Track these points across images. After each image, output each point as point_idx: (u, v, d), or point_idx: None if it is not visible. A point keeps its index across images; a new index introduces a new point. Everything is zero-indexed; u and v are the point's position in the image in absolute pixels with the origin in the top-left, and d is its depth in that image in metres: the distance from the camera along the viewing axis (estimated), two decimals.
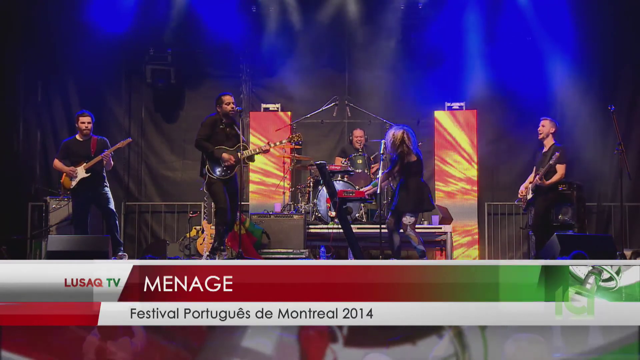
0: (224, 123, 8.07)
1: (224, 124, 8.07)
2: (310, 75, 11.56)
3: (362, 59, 11.75)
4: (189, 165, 11.73)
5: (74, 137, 8.89)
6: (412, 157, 7.85)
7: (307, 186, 10.23)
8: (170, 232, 11.53)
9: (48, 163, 11.25)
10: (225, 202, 7.98)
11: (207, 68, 11.69)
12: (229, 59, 11.51)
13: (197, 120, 11.33)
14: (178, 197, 11.67)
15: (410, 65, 11.49)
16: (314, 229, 9.69)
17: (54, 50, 11.33)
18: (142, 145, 11.79)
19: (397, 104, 11.43)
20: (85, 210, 8.73)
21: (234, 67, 11.56)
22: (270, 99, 11.60)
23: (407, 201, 7.81)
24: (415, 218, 7.90)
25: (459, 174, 11.00)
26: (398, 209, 7.84)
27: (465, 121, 11.09)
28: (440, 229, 9.84)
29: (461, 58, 11.33)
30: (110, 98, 11.79)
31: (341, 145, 11.27)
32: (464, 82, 11.35)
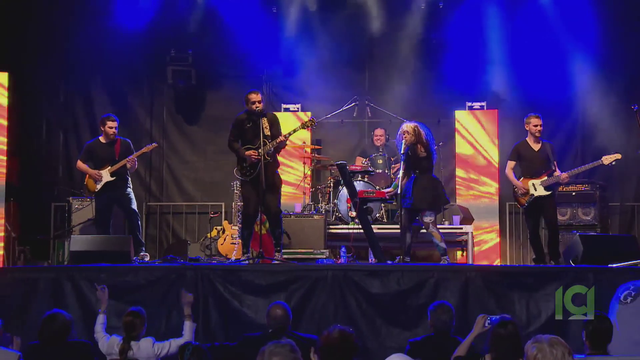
0: (252, 121, 8.02)
1: (252, 122, 8.02)
2: (331, 75, 11.53)
3: (383, 58, 11.73)
4: (210, 166, 11.78)
5: (97, 139, 8.93)
6: (422, 152, 7.82)
7: (327, 186, 10.23)
8: (191, 232, 11.57)
9: (71, 164, 11.35)
10: (250, 207, 7.94)
11: (227, 69, 11.71)
12: (250, 60, 11.51)
13: (217, 121, 11.45)
14: (199, 197, 11.72)
15: (430, 65, 11.46)
16: (334, 229, 9.68)
17: (76, 50, 11.40)
18: (164, 146, 11.84)
19: (417, 104, 11.38)
20: (108, 211, 8.78)
21: (254, 68, 11.55)
22: (291, 99, 11.61)
23: (423, 198, 7.78)
24: (435, 215, 7.88)
25: (480, 174, 10.94)
26: (415, 206, 7.81)
27: (486, 121, 11.04)
28: (461, 229, 9.80)
29: (482, 57, 11.27)
30: (132, 98, 11.87)
31: (361, 145, 11.26)
32: (484, 81, 11.30)
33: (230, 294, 6.82)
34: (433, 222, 7.82)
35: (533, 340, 4.11)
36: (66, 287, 6.91)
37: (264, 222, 8.46)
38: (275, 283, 6.85)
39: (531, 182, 8.41)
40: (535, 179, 8.40)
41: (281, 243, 8.08)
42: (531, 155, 8.50)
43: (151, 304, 6.63)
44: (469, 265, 8.93)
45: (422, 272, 6.84)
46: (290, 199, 10.78)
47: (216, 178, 11.61)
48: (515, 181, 8.49)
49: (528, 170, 8.49)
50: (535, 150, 8.50)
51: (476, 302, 6.63)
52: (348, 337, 4.42)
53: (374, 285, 6.77)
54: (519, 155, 8.57)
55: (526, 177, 8.49)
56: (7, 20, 11.12)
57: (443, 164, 10.54)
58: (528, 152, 8.51)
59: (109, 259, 7.36)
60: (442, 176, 10.26)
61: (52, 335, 5.62)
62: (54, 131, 11.74)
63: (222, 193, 11.14)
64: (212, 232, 10.17)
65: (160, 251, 11.31)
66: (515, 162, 8.59)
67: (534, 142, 8.51)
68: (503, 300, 6.66)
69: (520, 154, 8.57)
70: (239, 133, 8.07)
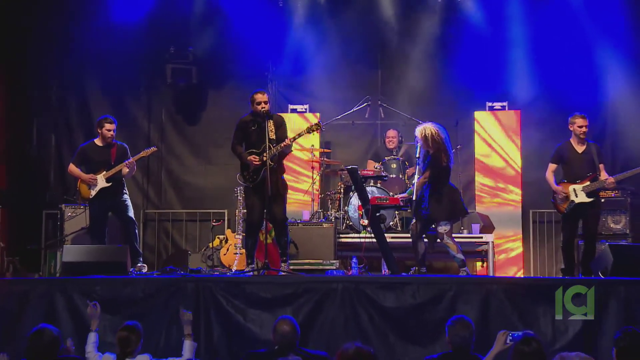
0: (257, 124, 8.01)
1: (257, 124, 8.01)
2: (341, 74, 11.55)
3: (396, 56, 11.73)
4: (212, 171, 11.79)
5: (92, 142, 8.93)
6: (445, 161, 7.77)
7: (337, 192, 10.22)
8: (192, 241, 11.58)
9: (63, 168, 11.37)
10: (254, 215, 7.93)
11: (231, 67, 11.71)
12: (255, 57, 11.52)
13: (220, 122, 11.46)
14: (200, 204, 11.72)
15: (448, 62, 11.45)
16: (344, 238, 9.68)
17: (69, 48, 11.46)
18: (162, 149, 11.84)
19: (433, 104, 11.38)
20: (103, 219, 8.78)
21: (259, 66, 11.57)
22: (298, 99, 11.62)
23: (440, 209, 7.74)
24: (450, 225, 7.85)
25: (501, 180, 10.92)
26: (430, 217, 7.79)
27: (507, 122, 11.02)
28: (481, 239, 9.77)
29: (503, 54, 11.26)
30: (129, 99, 11.91)
31: (374, 148, 11.26)
32: (506, 80, 11.28)
33: (233, 307, 6.82)
34: (448, 232, 7.77)
35: (559, 359, 4.09)
36: (58, 301, 6.92)
37: (270, 230, 8.46)
38: (282, 296, 6.85)
39: (572, 187, 8.34)
40: (577, 184, 8.32)
41: (288, 253, 8.06)
42: (574, 158, 8.40)
43: (149, 319, 6.64)
44: (490, 277, 8.90)
45: (439, 285, 6.82)
46: (297, 206, 10.78)
47: (218, 183, 11.61)
48: (554, 186, 8.43)
49: (570, 174, 8.40)
50: (579, 152, 8.41)
51: (497, 317, 6.61)
52: (367, 356, 4.36)
53: (388, 299, 6.76)
54: (561, 157, 8.48)
55: (568, 181, 8.41)
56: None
57: (461, 169, 10.51)
58: (571, 154, 8.42)
59: (104, 271, 7.37)
60: (461, 182, 10.25)
61: (40, 351, 5.61)
62: (45, 134, 11.77)
63: (224, 200, 11.14)
64: (214, 242, 10.17)
65: (158, 262, 11.31)
66: (557, 165, 8.54)
67: (578, 144, 8.43)
68: (526, 315, 6.64)
69: (562, 156, 8.48)
70: (243, 136, 8.06)
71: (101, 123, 8.79)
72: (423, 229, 7.88)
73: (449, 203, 7.76)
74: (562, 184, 8.39)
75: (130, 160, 8.73)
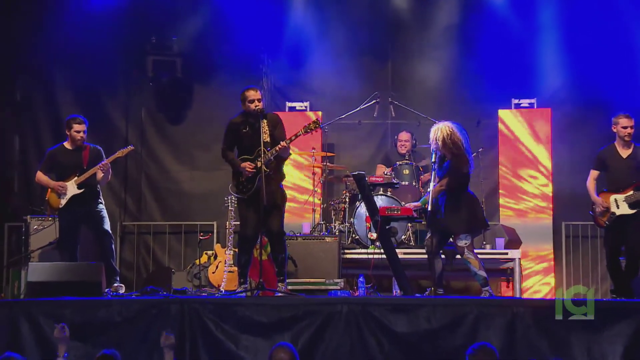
0: (250, 125, 8.02)
1: (250, 125, 8.02)
2: (346, 67, 11.55)
3: (409, 46, 11.75)
4: (198, 177, 11.80)
5: (61, 145, 8.95)
6: (465, 167, 7.77)
7: (341, 202, 10.23)
8: (176, 258, 11.59)
9: (29, 175, 11.38)
10: (248, 228, 7.93)
11: (220, 59, 11.72)
12: (247, 48, 11.53)
13: (208, 121, 11.49)
14: (185, 215, 11.73)
15: (468, 54, 11.47)
16: (350, 254, 9.70)
17: (37, 38, 11.47)
18: (142, 153, 11.86)
19: (452, 102, 11.40)
20: (75, 232, 8.79)
21: (253, 57, 11.59)
22: (297, 96, 11.65)
23: (458, 220, 7.74)
24: (471, 238, 7.85)
25: (529, 187, 10.92)
26: (448, 230, 7.80)
27: (536, 122, 11.02)
28: (507, 255, 9.78)
29: (531, 44, 11.28)
30: (104, 96, 11.90)
31: (383, 152, 11.27)
32: (534, 73, 11.30)
33: (223, 333, 6.82)
34: (469, 247, 7.78)
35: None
36: (23, 326, 6.92)
37: (265, 245, 8.46)
38: (279, 320, 6.85)
39: (613, 197, 8.34)
40: (619, 194, 8.32)
41: (285, 271, 8.08)
42: (618, 164, 8.41)
43: (128, 346, 6.65)
44: (516, 299, 8.91)
45: (458, 307, 6.83)
46: (296, 217, 10.80)
47: (206, 191, 11.62)
48: (594, 196, 8.42)
49: (613, 182, 8.41)
50: (623, 157, 8.42)
51: (525, 344, 6.62)
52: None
53: (400, 323, 6.77)
54: (604, 163, 8.50)
55: (609, 190, 8.41)
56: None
57: (483, 175, 10.53)
58: (614, 159, 8.44)
59: (75, 292, 7.37)
60: (482, 190, 10.26)
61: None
62: (8, 135, 11.78)
63: (213, 210, 11.14)
64: (202, 258, 10.18)
65: (138, 281, 11.32)
66: (599, 172, 8.54)
67: (622, 148, 8.44)
68: (558, 343, 6.64)
69: (605, 162, 8.50)
70: (234, 140, 8.07)
71: (69, 124, 8.81)
72: (440, 243, 7.88)
73: (468, 213, 7.76)
74: (603, 194, 8.40)
75: (104, 162, 8.74)
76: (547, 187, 10.92)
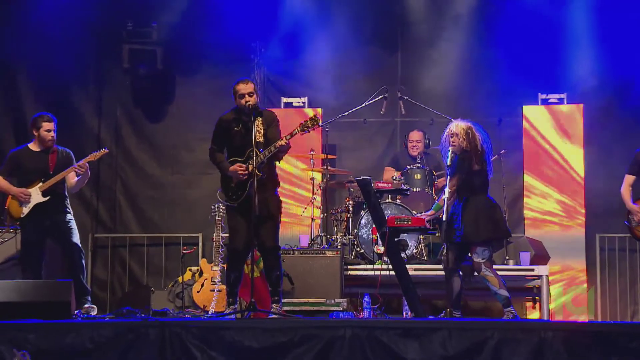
0: (242, 123, 7.98)
1: (242, 124, 7.98)
2: (350, 58, 11.59)
3: (422, 34, 11.76)
4: (182, 182, 11.81)
5: (25, 147, 8.96)
6: (476, 165, 7.78)
7: (344, 211, 10.22)
8: (155, 274, 11.59)
9: None
10: (239, 241, 7.90)
11: (206, 48, 11.74)
12: (237, 35, 11.54)
13: (192, 119, 11.49)
14: (166, 226, 11.74)
15: (488, 44, 11.48)
16: (354, 270, 9.68)
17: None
18: (117, 155, 11.87)
19: (469, 97, 11.43)
20: (39, 246, 8.79)
21: (244, 46, 11.60)
22: (294, 90, 11.68)
23: (476, 229, 7.74)
24: (490, 251, 7.84)
25: (558, 194, 10.92)
26: (465, 240, 7.78)
27: (567, 120, 11.03)
28: (533, 272, 9.73)
29: (560, 31, 11.28)
30: (74, 90, 11.91)
31: (392, 154, 11.28)
32: (564, 65, 11.31)
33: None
34: (487, 262, 7.78)
35: None
36: None
37: (257, 261, 8.44)
38: (273, 346, 6.81)
39: None
40: None
41: (280, 290, 8.05)
42: None
43: None
44: (544, 322, 8.87)
45: (477, 331, 6.80)
46: (293, 228, 10.81)
47: (191, 199, 11.64)
48: (630, 204, 8.46)
49: None
50: None
51: None
52: None
53: (411, 349, 6.73)
54: None
55: None
56: None
57: (506, 180, 10.50)
58: None
59: (40, 313, 7.33)
60: (505, 197, 10.24)
61: None
62: None
63: (199, 220, 11.15)
64: (185, 275, 10.17)
65: (112, 302, 11.33)
66: (635, 177, 8.55)
67: None
68: None
69: None
70: (224, 139, 8.05)
71: (37, 122, 8.81)
72: (457, 258, 7.87)
73: (487, 220, 7.75)
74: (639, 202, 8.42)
75: (81, 162, 8.71)
76: (579, 193, 10.90)
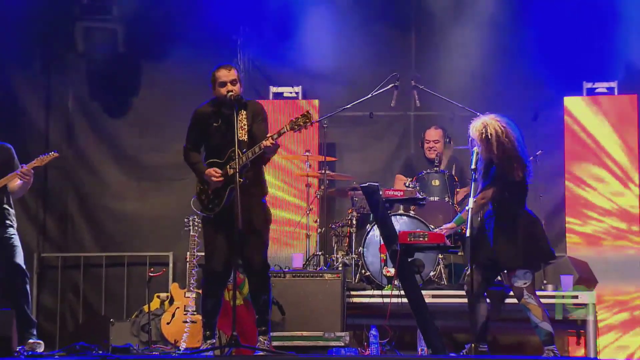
0: (222, 117, 7.97)
1: (222, 118, 7.96)
2: (353, 40, 11.61)
3: (440, 12, 11.80)
4: (149, 190, 11.81)
5: None
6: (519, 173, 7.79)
7: (346, 224, 10.24)
8: (116, 302, 11.60)
9: None
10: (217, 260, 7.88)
11: (178, 28, 11.78)
12: (216, 13, 11.56)
13: (161, 113, 11.49)
14: (130, 243, 11.76)
15: (521, 22, 11.54)
16: (358, 296, 9.70)
17: None
18: (69, 157, 11.87)
19: (497, 86, 11.46)
20: None
21: (224, 26, 11.61)
22: (285, 78, 11.71)
23: (515, 250, 7.75)
24: (532, 276, 7.84)
25: (608, 204, 10.94)
26: (499, 264, 7.80)
27: (617, 113, 11.06)
28: (577, 299, 9.75)
29: (610, 9, 11.32)
30: (16, 77, 11.94)
31: (404, 155, 11.31)
32: (614, 50, 11.35)
33: None
34: (529, 287, 7.78)
35: None
36: None
37: (241, 285, 8.46)
38: None
39: None
40: None
41: (269, 320, 8.06)
42: None
43: None
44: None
45: None
46: (284, 245, 10.82)
47: (159, 211, 11.64)
48: None
49: None
50: None
51: None
52: None
53: None
54: None
55: None
56: None
57: (543, 187, 10.53)
58: None
59: None
60: (543, 208, 10.26)
61: None
62: None
63: (169, 236, 11.18)
64: (153, 304, 10.17)
65: (63, 336, 11.33)
66: None
67: None
68: None
69: None
70: (200, 137, 8.05)
71: None
72: (485, 282, 7.88)
73: (528, 240, 7.77)
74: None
75: (25, 168, 8.74)
76: (634, 202, 10.93)
